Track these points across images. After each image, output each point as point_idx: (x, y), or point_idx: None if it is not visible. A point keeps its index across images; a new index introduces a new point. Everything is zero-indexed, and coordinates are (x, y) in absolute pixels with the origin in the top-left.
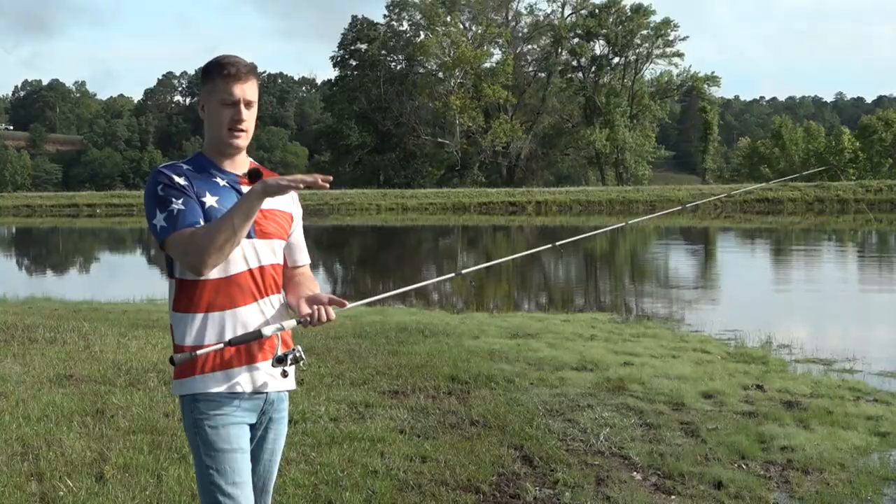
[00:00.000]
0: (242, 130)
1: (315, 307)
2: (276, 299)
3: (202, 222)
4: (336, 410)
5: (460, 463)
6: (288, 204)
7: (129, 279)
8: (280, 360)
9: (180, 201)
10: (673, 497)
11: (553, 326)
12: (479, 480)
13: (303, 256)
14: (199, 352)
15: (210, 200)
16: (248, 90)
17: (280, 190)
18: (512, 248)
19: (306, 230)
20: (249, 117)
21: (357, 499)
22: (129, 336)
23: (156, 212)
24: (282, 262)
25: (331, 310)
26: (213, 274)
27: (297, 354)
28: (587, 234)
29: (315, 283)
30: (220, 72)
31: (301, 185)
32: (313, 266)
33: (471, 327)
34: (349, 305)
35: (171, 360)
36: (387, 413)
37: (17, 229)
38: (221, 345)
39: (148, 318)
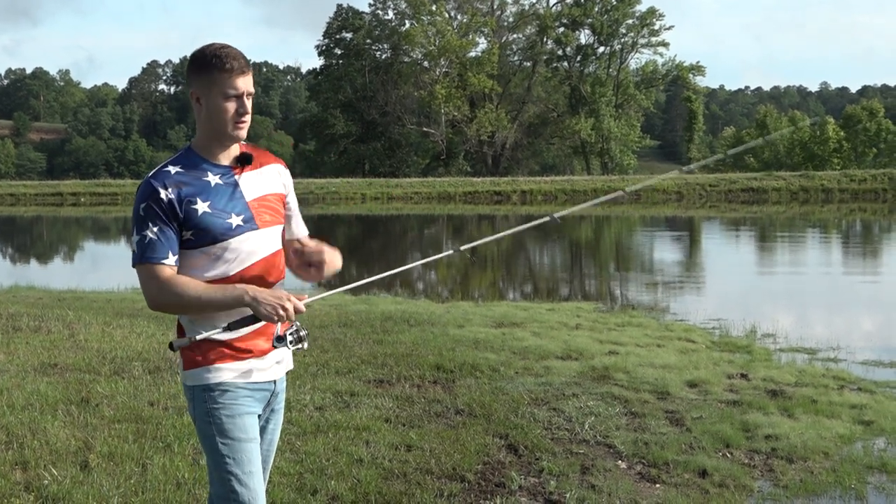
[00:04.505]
0: (245, 122)
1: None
2: (279, 287)
3: (171, 256)
4: (321, 399)
5: (445, 452)
6: (277, 185)
7: (113, 268)
8: (280, 339)
9: (156, 229)
10: (658, 485)
11: (538, 315)
12: (465, 469)
13: (300, 228)
14: (197, 337)
15: (202, 206)
16: (249, 82)
17: (266, 319)
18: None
19: None
20: (250, 108)
21: (342, 487)
22: (114, 325)
23: (134, 230)
24: (282, 248)
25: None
26: (221, 273)
27: (301, 334)
28: None
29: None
30: (221, 66)
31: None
32: None
33: (456, 316)
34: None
35: (171, 346)
36: (372, 402)
37: (1, 218)
38: (220, 329)
39: (132, 307)
